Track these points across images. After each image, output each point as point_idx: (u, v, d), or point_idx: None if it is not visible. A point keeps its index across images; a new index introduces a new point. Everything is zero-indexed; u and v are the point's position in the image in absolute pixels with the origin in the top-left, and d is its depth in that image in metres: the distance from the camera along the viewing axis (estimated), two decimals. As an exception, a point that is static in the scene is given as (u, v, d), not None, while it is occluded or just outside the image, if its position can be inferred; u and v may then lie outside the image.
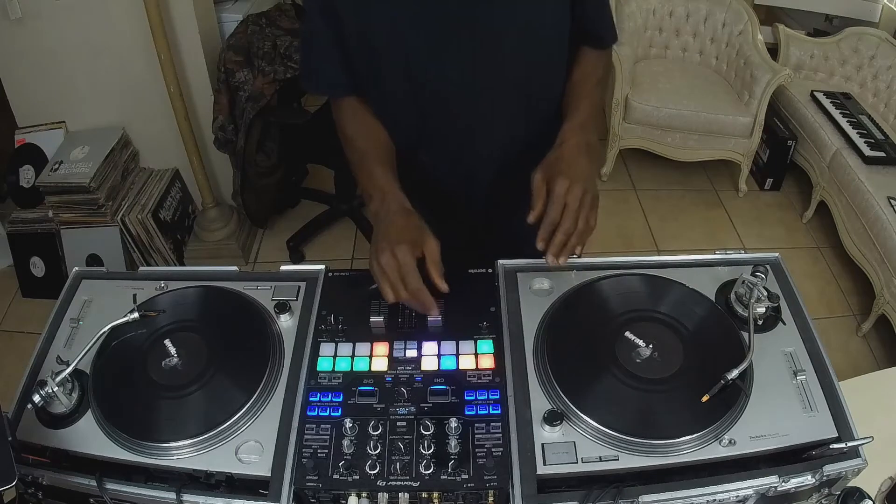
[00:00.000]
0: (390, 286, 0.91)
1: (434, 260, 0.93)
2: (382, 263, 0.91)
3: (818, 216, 2.98)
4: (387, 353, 0.93)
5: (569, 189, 0.92)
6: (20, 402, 0.89)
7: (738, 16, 3.09)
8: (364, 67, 1.07)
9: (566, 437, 0.83)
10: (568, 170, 0.95)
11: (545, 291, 1.01)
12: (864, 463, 0.83)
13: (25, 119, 2.54)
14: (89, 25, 2.26)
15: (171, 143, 2.52)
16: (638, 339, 0.91)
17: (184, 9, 2.26)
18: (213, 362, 0.90)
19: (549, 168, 0.96)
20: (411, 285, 0.91)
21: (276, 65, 2.36)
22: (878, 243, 2.44)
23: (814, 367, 0.90)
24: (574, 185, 0.93)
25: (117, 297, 1.01)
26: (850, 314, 2.63)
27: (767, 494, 0.82)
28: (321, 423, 0.85)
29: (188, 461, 0.82)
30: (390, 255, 0.91)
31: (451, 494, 0.80)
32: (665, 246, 2.88)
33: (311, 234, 2.83)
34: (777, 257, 1.05)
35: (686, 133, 2.97)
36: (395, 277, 0.91)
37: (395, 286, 0.91)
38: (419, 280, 0.91)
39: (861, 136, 2.74)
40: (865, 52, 3.09)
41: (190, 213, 2.79)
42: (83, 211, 2.45)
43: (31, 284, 2.62)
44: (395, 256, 0.91)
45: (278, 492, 0.79)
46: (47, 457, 0.84)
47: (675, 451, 0.81)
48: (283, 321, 0.98)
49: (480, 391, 0.88)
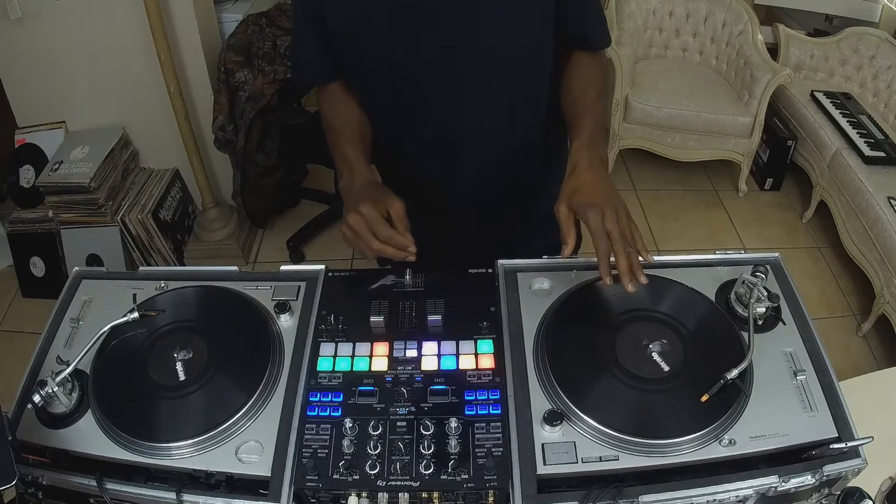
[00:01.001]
0: (362, 240, 0.94)
1: (399, 216, 0.96)
2: (351, 223, 0.95)
3: (818, 216, 2.98)
4: (387, 353, 0.93)
5: (604, 217, 0.90)
6: (20, 402, 0.89)
7: (738, 16, 3.09)
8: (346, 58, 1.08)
9: (566, 437, 0.83)
10: (594, 196, 0.92)
11: (545, 291, 1.01)
12: (864, 463, 0.83)
13: (25, 119, 2.54)
14: (89, 25, 2.26)
15: (171, 143, 2.52)
16: (638, 339, 0.91)
17: (184, 9, 2.26)
18: (213, 362, 0.90)
19: (573, 198, 0.94)
20: (382, 233, 0.93)
21: (276, 65, 2.36)
22: (878, 243, 2.44)
23: (814, 367, 0.90)
24: (607, 211, 0.90)
25: (117, 297, 1.01)
26: (850, 314, 2.63)
27: (767, 494, 0.82)
28: (321, 423, 0.85)
29: (188, 461, 0.82)
30: (356, 213, 0.94)
31: (451, 494, 0.80)
32: (665, 246, 2.88)
33: (311, 234, 2.83)
34: (777, 257, 1.05)
35: (686, 133, 2.97)
36: (365, 231, 0.94)
37: (367, 239, 0.94)
38: (388, 228, 0.94)
39: (861, 136, 2.74)
40: (865, 52, 3.09)
41: (190, 213, 2.79)
42: (83, 211, 2.45)
43: (31, 284, 2.62)
44: (360, 213, 0.94)
45: (278, 492, 0.79)
46: (47, 457, 0.84)
47: (675, 451, 0.81)
48: (283, 321, 0.98)
49: (480, 391, 0.88)
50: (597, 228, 0.90)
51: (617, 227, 0.90)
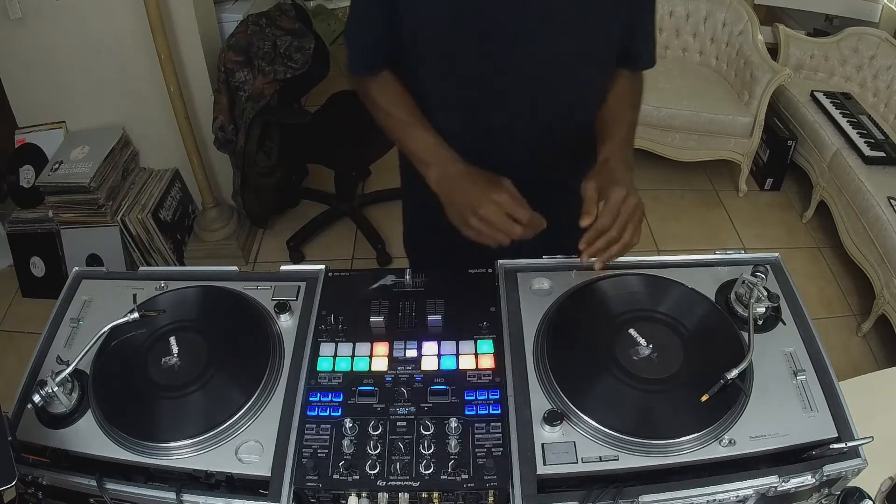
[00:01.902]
0: (504, 228, 0.93)
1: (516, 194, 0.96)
2: (485, 215, 0.94)
3: (818, 216, 2.98)
4: (387, 353, 0.93)
5: (625, 199, 0.93)
6: (20, 402, 0.89)
7: (738, 16, 3.09)
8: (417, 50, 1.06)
9: (566, 437, 0.83)
10: (622, 179, 0.96)
11: (545, 291, 1.01)
12: (864, 463, 0.83)
13: (25, 119, 2.54)
14: (89, 25, 2.26)
15: (171, 143, 2.52)
16: (638, 339, 0.91)
17: (184, 9, 2.26)
18: (213, 362, 0.90)
19: (601, 177, 0.96)
20: (524, 217, 0.93)
21: (276, 65, 2.36)
22: (878, 243, 2.44)
23: (814, 367, 0.90)
24: (630, 196, 0.93)
25: (117, 297, 1.01)
26: (850, 314, 2.63)
27: (767, 494, 0.82)
28: (321, 423, 0.85)
29: (188, 461, 0.82)
30: (490, 203, 0.93)
31: (451, 494, 0.80)
32: (665, 246, 2.88)
33: (311, 234, 2.82)
34: (777, 257, 1.05)
35: (686, 133, 2.97)
36: (504, 220, 0.93)
37: (509, 227, 0.93)
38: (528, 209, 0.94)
39: (861, 136, 2.74)
40: (865, 52, 3.08)
41: (190, 213, 2.79)
42: (83, 211, 2.45)
43: (31, 284, 2.62)
44: (494, 202, 0.93)
45: (278, 492, 0.79)
46: (47, 457, 0.84)
47: (674, 451, 0.81)
48: (283, 321, 0.98)
49: (480, 391, 0.88)
50: (614, 204, 0.93)
51: (627, 215, 0.93)
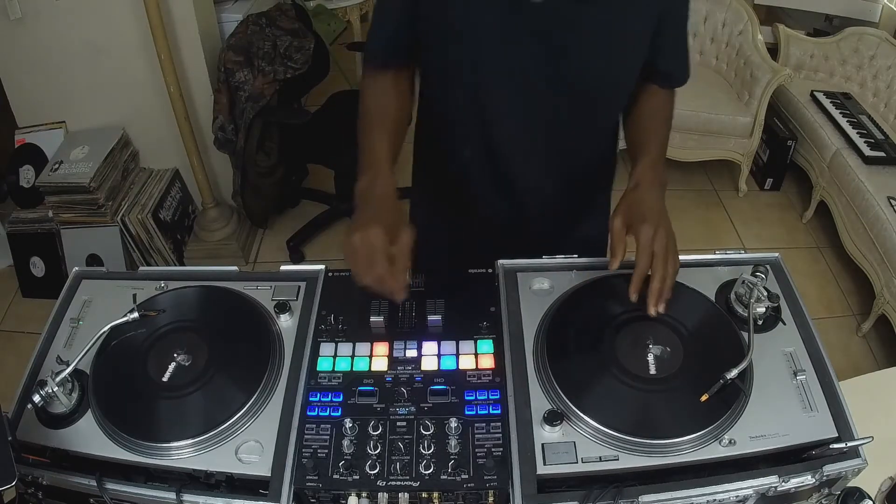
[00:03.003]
0: (358, 267, 0.87)
1: (404, 251, 0.88)
2: (354, 243, 0.87)
3: (818, 216, 2.98)
4: (387, 353, 0.93)
5: (654, 236, 0.92)
6: (20, 402, 0.89)
7: (738, 16, 3.09)
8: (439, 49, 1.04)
9: (566, 437, 0.83)
10: (650, 214, 0.94)
11: (545, 291, 1.01)
12: (864, 463, 0.83)
13: (25, 119, 2.54)
14: (89, 25, 2.26)
15: (171, 143, 2.52)
16: (638, 339, 0.91)
17: (184, 9, 2.26)
18: (213, 362, 0.90)
19: (629, 212, 0.96)
20: (377, 270, 0.85)
21: (276, 65, 2.36)
22: (878, 243, 2.44)
23: (814, 367, 0.90)
24: (659, 232, 0.92)
25: (117, 297, 1.01)
26: (850, 314, 2.63)
27: (767, 494, 0.81)
28: (321, 423, 0.85)
29: (188, 461, 0.82)
30: (362, 235, 0.86)
31: (451, 494, 0.80)
32: (665, 246, 2.88)
33: (311, 234, 2.83)
34: (777, 257, 1.05)
35: (686, 133, 2.97)
36: (363, 260, 0.86)
37: (362, 269, 0.86)
38: (386, 266, 0.85)
39: (861, 136, 2.74)
40: (865, 52, 3.09)
41: (190, 213, 2.79)
42: (83, 211, 2.45)
43: (31, 284, 2.62)
44: (366, 238, 0.86)
45: (278, 492, 0.79)
46: (47, 457, 0.84)
47: (674, 451, 0.81)
48: (283, 321, 0.98)
49: (480, 391, 0.88)
50: (645, 244, 0.92)
51: (663, 252, 0.92)
